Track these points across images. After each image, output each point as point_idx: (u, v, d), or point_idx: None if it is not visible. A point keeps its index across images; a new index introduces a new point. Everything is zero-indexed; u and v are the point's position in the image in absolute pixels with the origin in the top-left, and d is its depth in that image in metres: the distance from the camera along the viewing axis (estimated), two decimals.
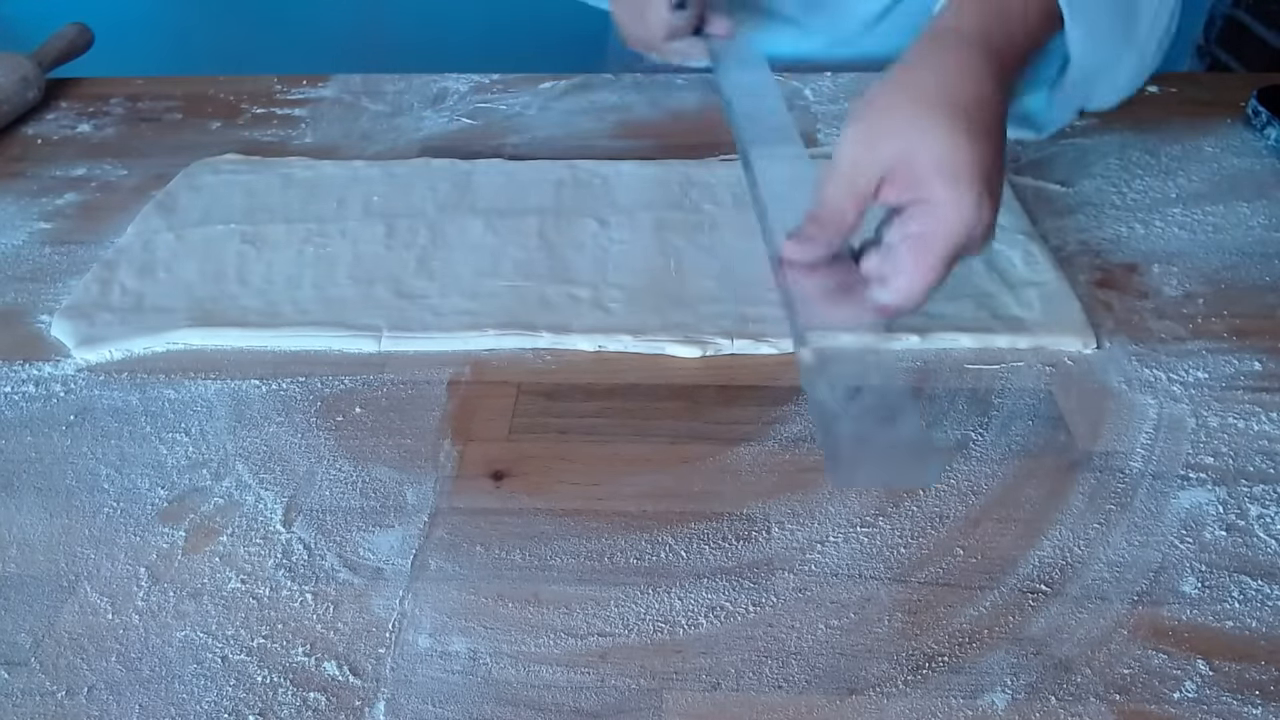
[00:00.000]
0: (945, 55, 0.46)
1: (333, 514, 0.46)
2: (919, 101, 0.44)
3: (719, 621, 0.41)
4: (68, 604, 0.42)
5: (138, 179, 0.73)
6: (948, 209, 0.43)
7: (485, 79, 0.85)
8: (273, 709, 0.38)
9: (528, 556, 0.44)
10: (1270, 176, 0.68)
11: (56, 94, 0.85)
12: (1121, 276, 0.59)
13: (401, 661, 0.40)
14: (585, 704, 0.38)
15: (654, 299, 0.58)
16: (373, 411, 0.51)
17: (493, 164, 0.71)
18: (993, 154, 0.44)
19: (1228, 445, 0.48)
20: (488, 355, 0.55)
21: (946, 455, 0.39)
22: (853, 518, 0.45)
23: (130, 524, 0.46)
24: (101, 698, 0.38)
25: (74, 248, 0.65)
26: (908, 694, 0.38)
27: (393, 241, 0.63)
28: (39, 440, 0.50)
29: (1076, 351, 0.54)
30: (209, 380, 0.54)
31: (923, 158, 0.43)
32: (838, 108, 0.79)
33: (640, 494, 0.46)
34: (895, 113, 0.45)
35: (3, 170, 0.75)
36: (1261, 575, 0.42)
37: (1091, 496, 0.46)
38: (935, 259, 0.44)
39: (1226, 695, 0.38)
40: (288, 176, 0.71)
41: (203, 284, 0.60)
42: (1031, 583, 0.42)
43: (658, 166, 0.70)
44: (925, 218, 0.44)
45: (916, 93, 0.45)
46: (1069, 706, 0.37)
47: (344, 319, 0.57)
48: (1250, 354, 0.53)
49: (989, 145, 0.44)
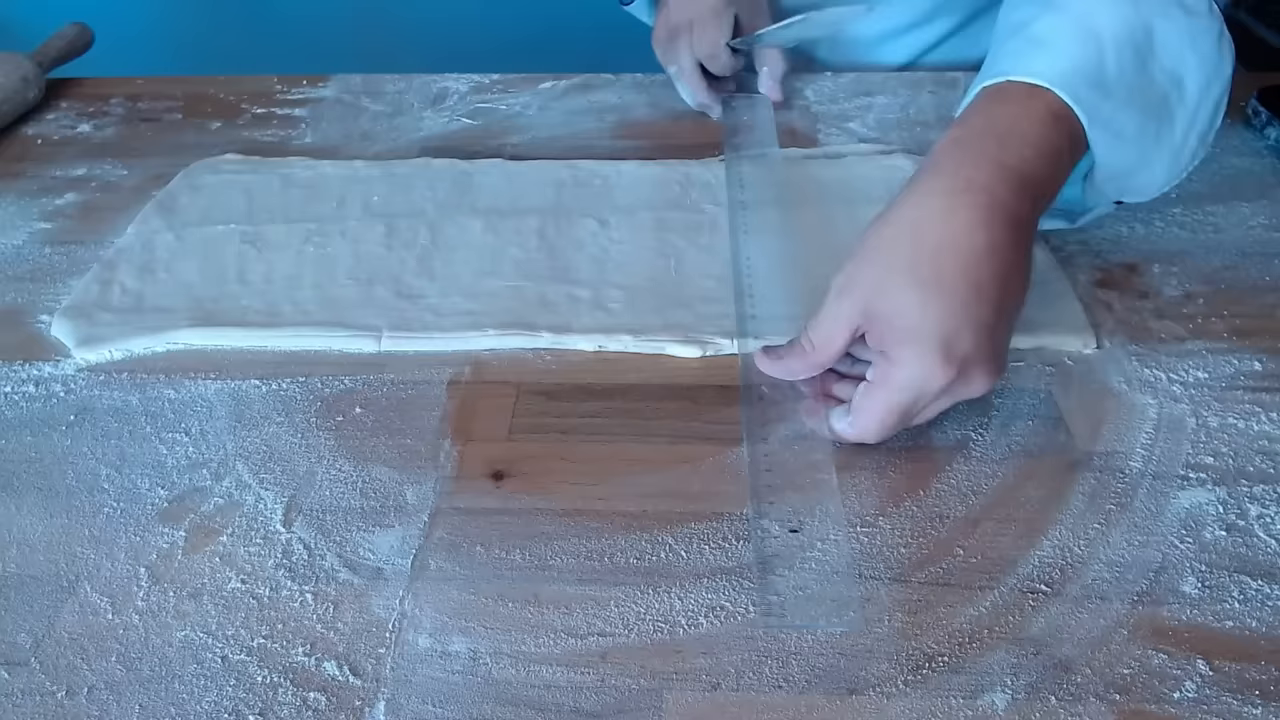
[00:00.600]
0: (933, 200, 0.45)
1: (333, 514, 0.46)
2: (891, 260, 0.45)
3: (719, 621, 0.41)
4: (68, 604, 0.42)
5: (138, 179, 0.73)
6: (898, 368, 0.44)
7: (485, 79, 0.85)
8: (273, 709, 0.38)
9: (528, 556, 0.44)
10: (1270, 176, 0.68)
11: (56, 94, 0.85)
12: (1121, 276, 0.59)
13: (401, 661, 0.40)
14: (585, 704, 0.38)
15: (654, 299, 0.58)
16: (373, 411, 0.51)
17: (493, 164, 0.72)
18: (961, 310, 0.43)
19: (1228, 445, 0.48)
20: (488, 355, 0.55)
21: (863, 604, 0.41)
22: (853, 518, 0.45)
23: (130, 524, 0.46)
24: (101, 698, 0.38)
25: (74, 248, 0.65)
26: (908, 694, 0.38)
27: (393, 241, 0.63)
28: (39, 440, 0.50)
29: (1076, 351, 0.54)
30: (209, 380, 0.54)
31: (887, 315, 0.44)
32: (838, 108, 0.79)
33: (640, 494, 0.46)
34: (870, 268, 0.46)
35: (3, 170, 0.75)
36: (1261, 575, 0.42)
37: (1091, 496, 0.46)
38: (884, 409, 0.45)
39: (1226, 695, 0.38)
40: (288, 176, 0.71)
41: (203, 284, 0.60)
42: (1031, 583, 0.42)
43: (658, 166, 0.70)
44: (880, 367, 0.45)
45: (892, 249, 0.45)
46: (1069, 706, 0.37)
47: (344, 319, 0.57)
48: (1250, 354, 0.53)
49: (956, 301, 0.43)
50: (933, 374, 0.43)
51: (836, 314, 0.46)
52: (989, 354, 0.44)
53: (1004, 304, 0.44)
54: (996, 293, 0.44)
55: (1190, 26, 0.50)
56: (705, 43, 0.76)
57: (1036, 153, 0.47)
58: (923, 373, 0.44)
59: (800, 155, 0.72)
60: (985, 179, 0.45)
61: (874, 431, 0.46)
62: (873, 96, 0.80)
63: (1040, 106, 0.47)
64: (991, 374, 0.45)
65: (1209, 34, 0.50)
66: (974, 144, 0.47)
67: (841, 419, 0.47)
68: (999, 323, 0.44)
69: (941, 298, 0.43)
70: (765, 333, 0.53)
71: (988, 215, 0.44)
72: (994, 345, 0.44)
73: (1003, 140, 0.47)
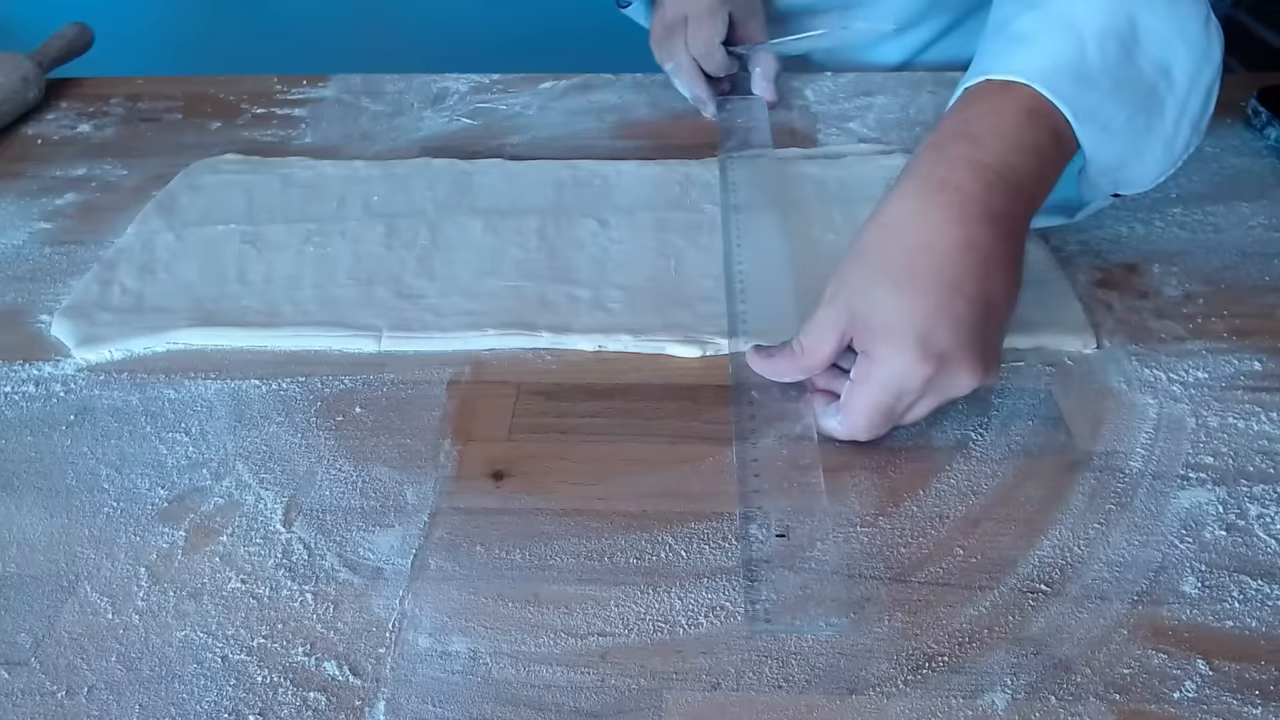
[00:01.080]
0: (907, 202, 0.46)
1: (333, 514, 0.46)
2: (870, 263, 0.46)
3: (719, 621, 0.41)
4: (68, 604, 0.42)
5: (138, 179, 0.73)
6: (877, 365, 0.45)
7: (485, 79, 0.85)
8: (273, 709, 0.38)
9: (528, 556, 0.44)
10: (1270, 176, 0.68)
11: (56, 94, 0.85)
12: (1121, 276, 0.59)
13: (401, 661, 0.40)
14: (585, 704, 0.38)
15: (654, 299, 0.58)
16: (373, 411, 0.51)
17: (493, 164, 0.71)
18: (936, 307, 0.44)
19: (1228, 445, 0.48)
20: (488, 355, 0.55)
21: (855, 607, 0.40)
22: (853, 517, 0.45)
23: (130, 524, 0.46)
24: (101, 698, 0.38)
25: (74, 248, 0.65)
26: (908, 694, 0.38)
27: (393, 241, 0.63)
28: (39, 440, 0.50)
29: (1076, 351, 0.54)
30: (209, 380, 0.54)
31: (865, 315, 0.45)
32: (837, 108, 0.79)
33: (640, 494, 0.46)
34: (852, 273, 0.47)
35: (3, 170, 0.75)
36: (1261, 575, 0.42)
37: (1091, 496, 0.46)
38: (868, 406, 0.46)
39: (1226, 695, 0.38)
40: (288, 176, 0.71)
41: (203, 284, 0.60)
42: (1031, 583, 0.42)
43: (658, 166, 0.70)
44: (862, 366, 0.46)
45: (872, 253, 0.46)
46: (1069, 706, 0.37)
47: (344, 319, 0.57)
48: (1250, 354, 0.53)
49: (931, 298, 0.44)
50: (910, 370, 0.44)
51: (824, 320, 0.47)
52: (971, 350, 0.44)
53: (987, 299, 0.44)
54: (975, 289, 0.44)
55: (1175, 14, 0.49)
56: (700, 40, 0.76)
57: (1014, 148, 0.47)
58: (901, 369, 0.44)
59: (799, 155, 0.72)
60: (958, 178, 0.46)
61: (862, 429, 0.47)
62: (872, 96, 0.80)
63: (1015, 103, 0.47)
64: (976, 369, 0.44)
65: (1195, 20, 0.50)
66: (947, 146, 0.47)
67: (832, 417, 0.48)
68: (982, 319, 0.44)
69: (915, 295, 0.44)
70: (757, 334, 0.53)
71: (960, 213, 0.45)
72: (978, 341, 0.44)
73: (976, 139, 0.47)
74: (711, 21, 0.76)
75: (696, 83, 0.78)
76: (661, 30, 0.79)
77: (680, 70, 0.78)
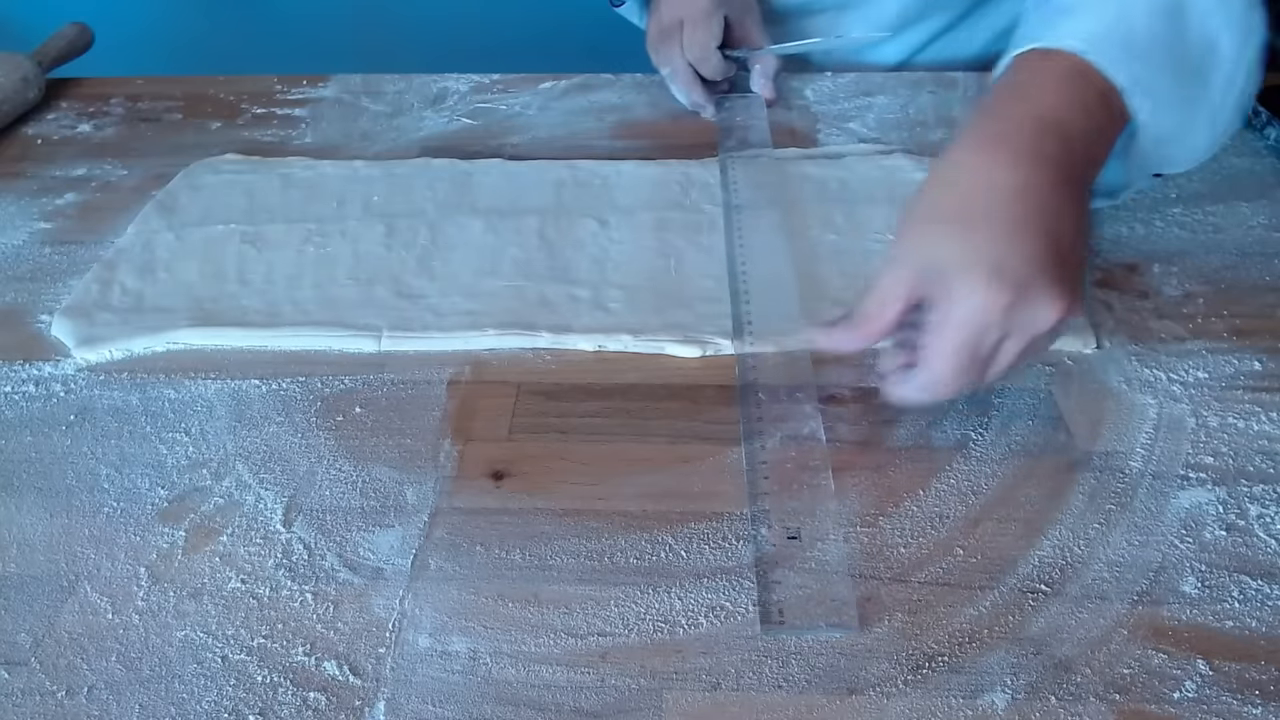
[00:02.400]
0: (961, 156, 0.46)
1: (333, 514, 0.46)
2: (929, 218, 0.46)
3: (719, 621, 0.41)
4: (68, 604, 0.42)
5: (138, 179, 0.72)
6: (954, 305, 0.43)
7: (485, 79, 0.85)
8: (273, 709, 0.38)
9: (528, 556, 0.44)
10: (1270, 176, 0.68)
11: (56, 94, 0.85)
12: (1121, 276, 0.59)
13: (401, 661, 0.40)
14: (585, 704, 0.38)
15: (654, 299, 0.58)
16: (373, 411, 0.51)
17: (493, 164, 0.71)
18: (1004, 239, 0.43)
19: (1228, 445, 0.48)
20: (488, 355, 0.55)
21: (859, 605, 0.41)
22: (853, 517, 0.45)
23: (130, 524, 0.46)
24: (101, 698, 0.38)
25: (74, 248, 0.65)
26: (908, 694, 0.38)
27: (393, 241, 0.63)
28: (39, 440, 0.50)
29: (1076, 351, 0.54)
30: (209, 380, 0.54)
31: (935, 264, 0.44)
32: (837, 108, 0.79)
33: (640, 494, 0.46)
34: (912, 231, 0.46)
35: (3, 170, 0.75)
36: (1261, 575, 0.42)
37: (1091, 496, 0.46)
38: (951, 349, 0.44)
39: (1226, 695, 0.38)
40: (288, 176, 0.71)
41: (203, 284, 0.60)
42: (1031, 583, 0.42)
43: (658, 166, 0.70)
44: (939, 312, 0.44)
45: (929, 209, 0.46)
46: (1069, 706, 0.37)
47: (344, 319, 0.57)
48: (1250, 354, 0.53)
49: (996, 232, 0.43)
50: (989, 300, 0.42)
51: (889, 281, 0.46)
52: (1047, 277, 0.43)
53: (1055, 238, 0.43)
54: (1041, 225, 0.43)
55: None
56: (695, 45, 0.76)
57: (1064, 103, 0.47)
58: (980, 301, 0.42)
59: (799, 155, 0.72)
60: (1007, 130, 0.46)
61: (948, 378, 0.44)
62: (872, 96, 0.80)
63: (1061, 66, 0.48)
64: (1056, 300, 0.43)
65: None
66: (997, 106, 0.48)
67: (908, 383, 0.46)
68: (1053, 253, 0.43)
69: (981, 232, 0.43)
70: (762, 335, 0.53)
71: (1013, 159, 0.45)
72: (1052, 271, 0.43)
73: (1024, 96, 0.47)
74: (707, 26, 0.75)
75: (693, 88, 0.77)
76: (657, 35, 0.79)
77: (677, 76, 0.78)
